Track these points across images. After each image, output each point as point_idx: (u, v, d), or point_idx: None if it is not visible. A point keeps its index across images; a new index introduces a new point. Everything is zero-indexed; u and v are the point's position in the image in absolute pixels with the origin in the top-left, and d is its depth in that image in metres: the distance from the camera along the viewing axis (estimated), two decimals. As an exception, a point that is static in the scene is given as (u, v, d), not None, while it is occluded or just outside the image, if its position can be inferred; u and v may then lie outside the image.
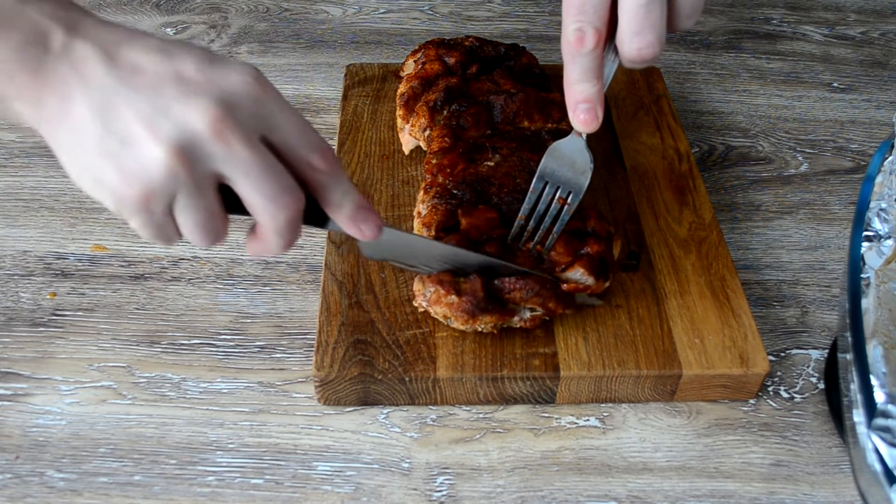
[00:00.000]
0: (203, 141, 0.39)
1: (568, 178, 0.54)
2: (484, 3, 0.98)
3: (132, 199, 0.39)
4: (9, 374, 0.57)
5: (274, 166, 0.41)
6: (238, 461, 0.53)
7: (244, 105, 0.40)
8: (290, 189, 0.42)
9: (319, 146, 0.43)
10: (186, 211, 0.41)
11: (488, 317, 0.53)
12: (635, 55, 0.47)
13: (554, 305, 0.53)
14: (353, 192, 0.45)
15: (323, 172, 0.43)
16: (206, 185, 0.40)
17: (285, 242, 0.44)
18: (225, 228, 0.43)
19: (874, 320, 0.47)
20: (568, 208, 0.54)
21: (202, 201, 0.41)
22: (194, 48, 0.41)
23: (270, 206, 0.41)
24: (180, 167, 0.39)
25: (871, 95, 0.86)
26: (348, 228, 0.46)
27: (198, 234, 0.42)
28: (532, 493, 0.52)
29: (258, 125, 0.40)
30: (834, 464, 0.54)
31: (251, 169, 0.40)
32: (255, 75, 0.41)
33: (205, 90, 0.39)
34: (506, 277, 0.53)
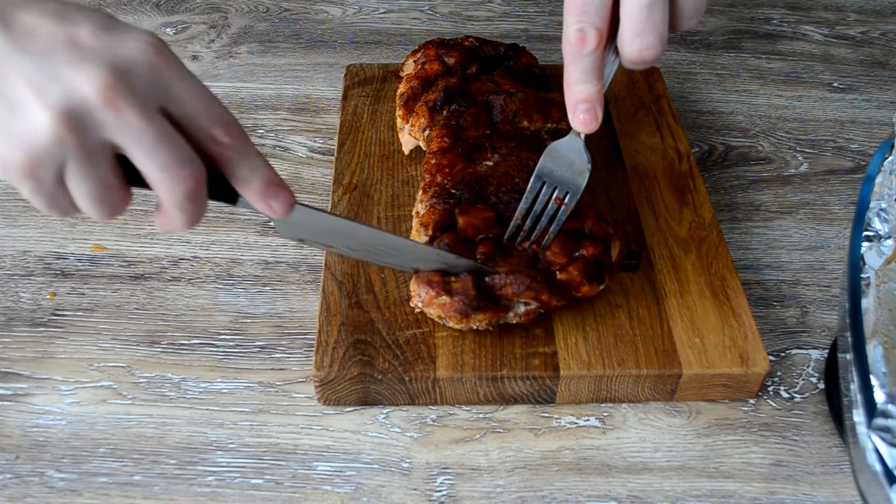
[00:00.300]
0: (92, 108, 0.38)
1: (566, 179, 0.54)
2: (484, 3, 0.98)
3: (17, 165, 0.38)
4: (9, 374, 0.57)
5: (169, 136, 0.40)
6: (238, 461, 0.53)
7: (140, 73, 0.39)
8: (188, 160, 0.40)
9: (223, 119, 0.42)
10: (77, 180, 0.40)
11: (482, 315, 0.53)
12: (636, 56, 0.47)
13: (547, 297, 0.53)
14: (263, 167, 0.44)
15: (227, 146, 0.42)
16: (97, 154, 0.39)
17: (188, 217, 0.43)
18: (123, 201, 0.42)
19: (874, 320, 0.47)
20: (565, 209, 0.54)
21: (94, 170, 0.39)
22: (94, 13, 0.40)
23: (166, 177, 0.40)
24: (67, 134, 0.38)
25: (871, 95, 0.86)
26: (258, 205, 0.45)
27: (91, 205, 0.41)
28: (532, 493, 0.52)
29: (155, 95, 0.39)
30: (834, 464, 0.54)
31: (144, 138, 0.39)
32: (155, 43, 0.40)
33: (98, 56, 0.38)
34: (496, 276, 0.53)
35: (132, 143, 0.39)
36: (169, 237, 0.67)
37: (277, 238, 0.67)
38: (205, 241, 0.67)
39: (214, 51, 0.88)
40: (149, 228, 0.67)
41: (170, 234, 0.64)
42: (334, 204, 0.65)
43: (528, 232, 0.55)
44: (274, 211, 0.45)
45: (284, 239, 0.52)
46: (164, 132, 0.39)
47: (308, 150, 0.76)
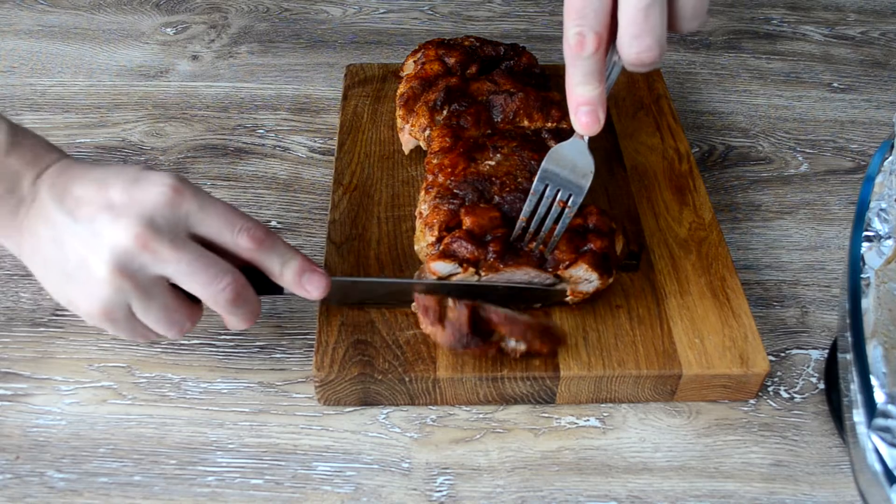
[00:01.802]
0: (134, 254, 0.46)
1: (569, 181, 0.54)
2: (484, 3, 0.98)
3: (96, 314, 0.48)
4: (9, 374, 0.57)
5: (201, 258, 0.48)
6: (238, 461, 0.53)
7: (163, 213, 0.47)
8: (222, 273, 0.48)
9: (244, 227, 0.49)
10: (143, 312, 0.48)
11: (470, 350, 0.53)
12: (634, 59, 0.47)
13: (539, 346, 0.53)
14: (293, 258, 0.51)
15: (252, 251, 0.49)
16: (152, 287, 0.47)
17: (243, 316, 0.51)
18: (190, 318, 0.50)
19: (874, 320, 0.47)
20: (569, 211, 0.54)
21: (154, 302, 0.48)
22: (127, 171, 0.48)
23: (207, 292, 0.48)
24: (122, 280, 0.46)
25: (871, 95, 0.86)
26: (296, 292, 0.52)
27: (162, 329, 0.50)
28: (532, 493, 0.52)
29: (181, 226, 0.48)
30: (834, 464, 0.54)
31: (179, 266, 0.47)
32: (172, 184, 0.47)
33: (129, 211, 0.46)
34: (493, 314, 0.53)
35: (172, 273, 0.47)
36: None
37: (277, 238, 0.67)
38: (205, 241, 0.67)
39: (214, 51, 0.88)
40: (149, 228, 0.67)
41: None
42: (334, 204, 0.65)
43: (533, 234, 0.55)
44: (311, 295, 0.52)
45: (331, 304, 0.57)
46: (194, 257, 0.47)
47: (308, 150, 0.76)
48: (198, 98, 0.82)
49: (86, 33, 0.90)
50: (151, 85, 0.83)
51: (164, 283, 0.48)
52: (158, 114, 0.79)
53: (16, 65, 0.85)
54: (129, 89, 0.82)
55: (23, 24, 0.91)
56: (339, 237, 0.62)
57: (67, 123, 0.78)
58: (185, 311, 0.50)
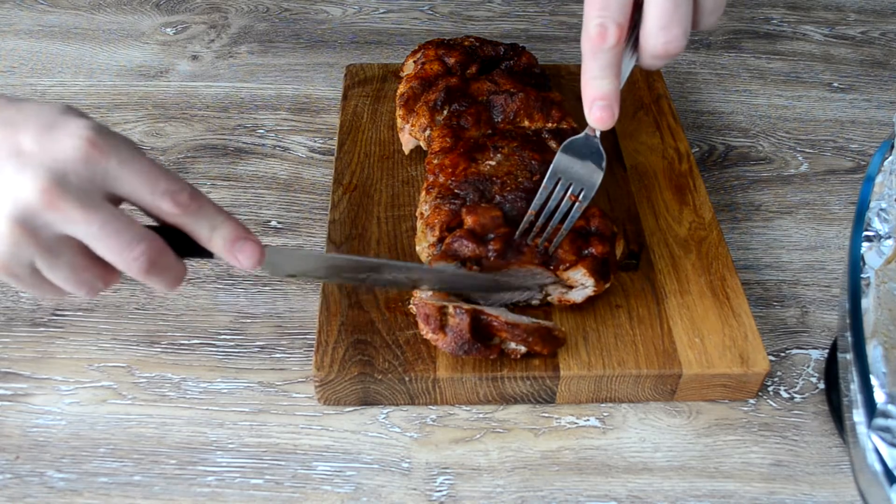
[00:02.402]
0: (38, 211, 0.42)
1: (580, 176, 0.54)
2: (484, 3, 0.98)
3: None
4: (9, 374, 0.57)
5: (112, 222, 0.43)
6: (238, 461, 0.53)
7: (76, 169, 0.42)
8: (136, 239, 0.44)
9: (169, 189, 0.44)
10: (49, 271, 0.44)
11: (471, 356, 0.53)
12: (661, 50, 0.47)
13: (540, 348, 0.53)
14: (224, 224, 0.46)
15: (176, 215, 0.45)
16: (58, 246, 0.43)
17: (164, 282, 0.46)
18: (102, 279, 0.46)
19: (874, 320, 0.47)
20: (579, 206, 0.54)
21: (59, 261, 0.44)
22: (43, 112, 0.44)
23: (119, 259, 0.44)
24: (23, 236, 0.42)
25: (871, 95, 0.86)
26: (227, 258, 0.47)
27: (70, 289, 0.45)
28: (532, 493, 0.52)
29: (96, 184, 0.43)
30: (834, 464, 0.54)
31: (90, 230, 0.43)
32: (89, 135, 0.43)
33: (37, 161, 0.42)
34: (495, 320, 0.53)
35: (81, 236, 0.43)
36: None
37: (278, 238, 0.67)
38: (205, 241, 0.67)
39: (214, 51, 0.88)
40: (149, 228, 0.67)
41: None
42: (334, 204, 0.65)
43: (540, 229, 0.55)
44: (242, 264, 0.47)
45: (273, 275, 0.54)
46: (106, 220, 0.43)
47: (308, 150, 0.76)
48: (198, 98, 0.82)
49: (86, 33, 0.90)
50: (151, 85, 0.83)
51: (73, 242, 0.44)
52: (158, 114, 0.79)
53: (16, 65, 0.85)
54: (129, 89, 0.82)
55: (23, 24, 0.91)
56: (339, 237, 0.62)
57: (67, 123, 0.78)
58: (96, 270, 0.45)
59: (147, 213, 0.45)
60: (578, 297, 0.57)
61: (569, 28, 0.93)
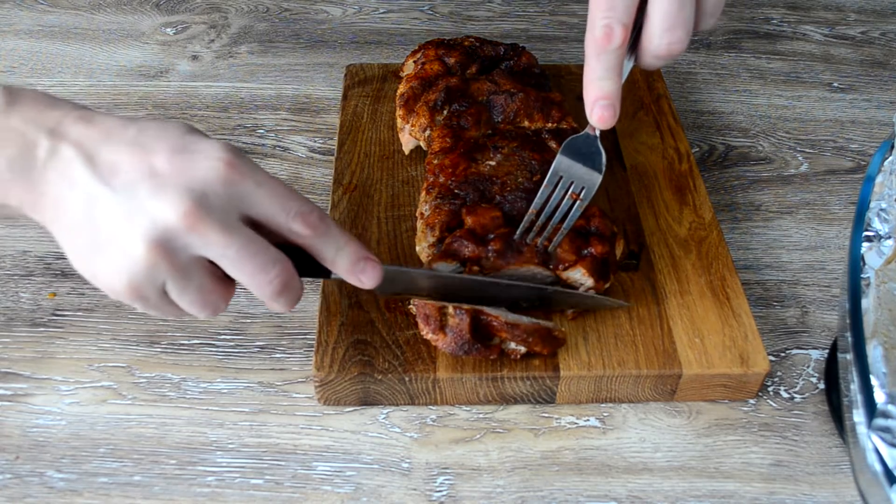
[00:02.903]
0: (178, 233, 0.41)
1: (581, 175, 0.54)
2: (484, 3, 0.98)
3: (123, 290, 0.43)
4: (9, 374, 0.57)
5: (249, 245, 0.43)
6: (238, 461, 0.53)
7: (216, 191, 0.42)
8: (270, 264, 0.44)
9: (300, 211, 0.45)
10: (177, 293, 0.44)
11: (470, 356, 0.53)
12: (665, 51, 0.48)
13: (540, 348, 0.54)
14: (348, 245, 0.47)
15: (307, 236, 0.45)
16: (190, 268, 0.43)
17: (286, 303, 0.47)
18: (224, 299, 0.46)
19: (874, 320, 0.47)
20: (579, 204, 0.54)
21: (189, 283, 0.44)
22: (170, 133, 0.43)
23: (253, 282, 0.44)
24: (159, 259, 0.42)
25: (871, 95, 0.86)
26: (350, 280, 0.48)
27: (195, 311, 0.46)
28: (532, 493, 0.52)
29: (233, 206, 0.43)
30: (834, 464, 0.54)
31: (228, 252, 0.43)
32: (226, 158, 0.43)
33: (175, 183, 0.41)
34: (495, 320, 0.53)
35: (218, 258, 0.43)
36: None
37: (277, 238, 0.67)
38: (205, 241, 0.67)
39: (214, 51, 0.88)
40: (149, 228, 0.67)
41: None
42: (334, 204, 0.65)
43: (541, 228, 0.55)
44: (364, 284, 0.48)
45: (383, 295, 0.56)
46: (244, 243, 0.43)
47: (308, 150, 0.76)
48: (198, 98, 0.81)
49: (86, 33, 0.90)
50: (151, 85, 0.83)
51: (204, 263, 0.44)
52: (158, 114, 0.79)
53: (16, 65, 0.85)
54: (129, 89, 0.82)
55: (23, 24, 0.91)
56: (339, 237, 0.62)
57: (67, 123, 0.78)
58: (221, 291, 0.46)
59: (278, 233, 0.45)
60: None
61: (569, 28, 0.93)
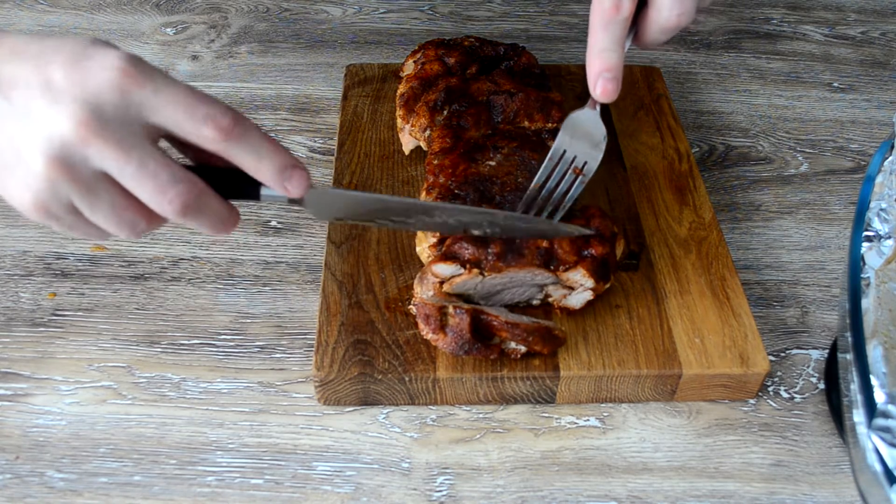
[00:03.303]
0: (74, 147, 0.40)
1: (584, 150, 0.55)
2: (484, 3, 0.98)
3: (31, 209, 0.42)
4: (9, 374, 0.57)
5: (149, 162, 0.41)
6: (238, 461, 0.53)
7: (112, 101, 0.40)
8: (172, 182, 0.42)
9: (209, 115, 0.42)
10: (88, 211, 0.42)
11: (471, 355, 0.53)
12: (674, 22, 0.49)
13: (540, 348, 0.54)
14: (271, 151, 0.44)
15: (220, 141, 0.42)
16: (95, 184, 0.41)
17: (207, 225, 0.44)
18: (145, 219, 0.43)
19: (874, 320, 0.47)
20: (582, 179, 0.55)
21: (98, 200, 0.42)
22: (69, 47, 0.41)
23: (153, 201, 0.42)
24: (59, 175, 0.40)
25: (871, 95, 0.86)
26: (275, 187, 0.45)
27: (111, 228, 0.43)
28: (532, 493, 0.52)
29: (133, 118, 0.41)
30: (834, 464, 0.54)
31: (126, 169, 0.41)
32: (121, 65, 0.40)
33: (70, 96, 0.40)
34: (495, 320, 0.53)
35: (116, 174, 0.41)
36: (168, 237, 0.67)
37: (277, 238, 0.67)
38: (205, 241, 0.67)
39: (214, 51, 0.88)
40: (149, 228, 0.67)
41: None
42: (334, 204, 0.65)
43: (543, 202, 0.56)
44: (290, 192, 0.45)
45: (320, 220, 0.52)
46: (143, 160, 0.41)
47: (308, 150, 0.76)
48: (198, 98, 0.81)
49: (86, 33, 0.90)
50: (151, 85, 0.83)
51: (111, 179, 0.42)
52: (158, 114, 0.79)
53: (16, 65, 0.85)
54: (129, 89, 0.82)
55: (23, 24, 0.91)
56: (339, 237, 0.62)
57: (67, 123, 0.78)
58: (137, 210, 0.43)
59: (188, 143, 0.43)
60: (578, 304, 0.57)
61: (569, 28, 0.93)
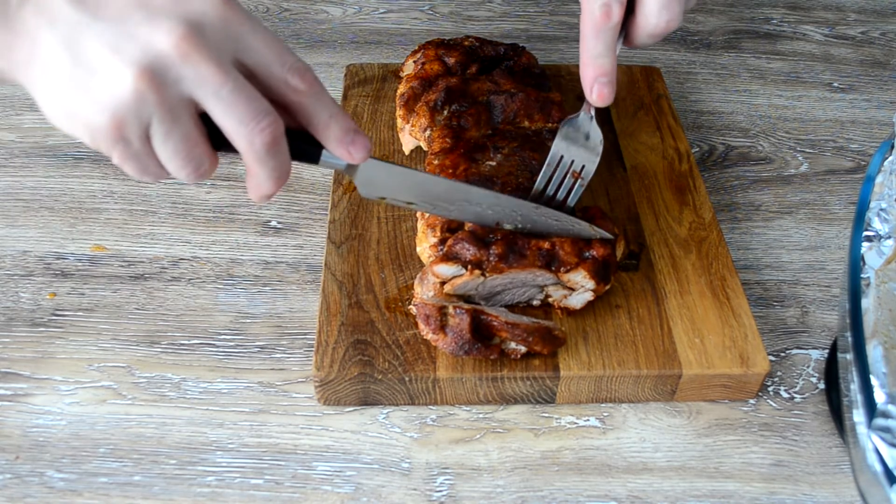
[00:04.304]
0: (170, 62, 0.38)
1: (581, 154, 0.56)
2: (484, 3, 0.98)
3: (105, 128, 0.39)
4: (9, 374, 0.57)
5: (245, 88, 0.40)
6: (238, 461, 0.53)
7: (212, 25, 0.39)
8: (265, 111, 0.41)
9: (297, 66, 0.42)
10: (162, 138, 0.40)
11: (471, 356, 0.53)
12: (662, 28, 0.50)
13: (540, 348, 0.54)
14: (340, 114, 0.44)
15: (302, 93, 0.42)
16: (179, 109, 0.40)
17: (272, 173, 0.43)
18: (210, 160, 0.42)
19: (874, 320, 0.47)
20: (582, 181, 0.56)
21: (177, 127, 0.40)
22: None
23: (244, 130, 0.41)
24: (148, 90, 0.38)
25: (871, 95, 0.86)
26: (337, 151, 0.45)
27: (178, 164, 0.41)
28: (532, 493, 0.52)
29: (229, 47, 0.40)
30: (834, 464, 0.54)
31: (221, 91, 0.39)
32: None
33: (171, 12, 0.38)
34: (495, 320, 0.53)
35: (210, 97, 0.39)
36: (168, 237, 0.67)
37: (277, 238, 0.67)
38: (205, 241, 0.67)
39: None
40: (149, 228, 0.67)
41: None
42: (334, 204, 0.65)
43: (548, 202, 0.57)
44: (353, 157, 0.45)
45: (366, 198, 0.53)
46: (239, 84, 0.40)
47: (308, 150, 0.76)
48: (198, 98, 0.81)
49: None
50: (151, 85, 0.83)
51: (193, 110, 0.40)
52: (158, 114, 0.79)
53: (16, 65, 0.85)
54: (129, 89, 0.82)
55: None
56: (339, 237, 0.62)
57: (67, 123, 0.78)
58: (205, 148, 0.42)
59: (271, 89, 0.42)
60: (578, 304, 0.57)
61: (569, 28, 0.93)
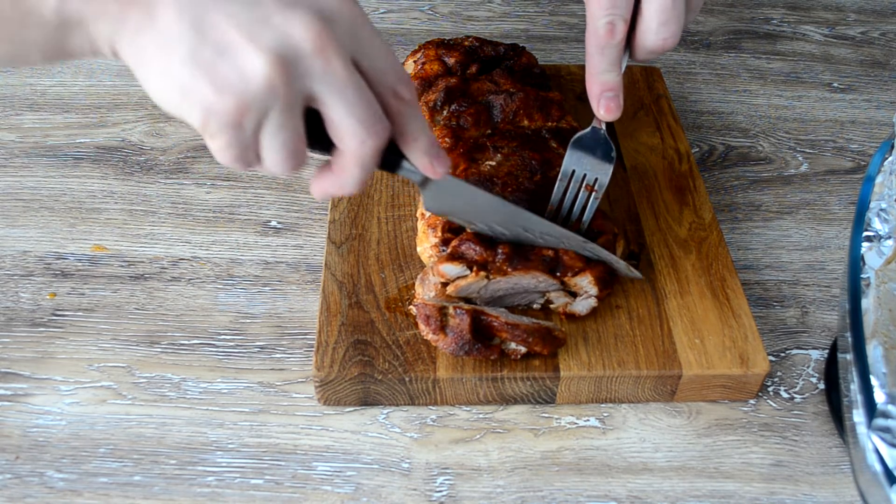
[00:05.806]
0: (304, 54, 0.37)
1: (593, 167, 0.56)
2: (484, 3, 0.98)
3: (225, 111, 0.38)
4: (9, 374, 0.57)
5: (366, 90, 0.40)
6: (238, 461, 0.53)
7: (341, 23, 0.39)
8: (380, 116, 0.41)
9: (404, 77, 0.42)
10: (276, 129, 0.39)
11: (471, 356, 0.53)
12: (660, 45, 0.50)
13: (540, 348, 0.54)
14: (428, 129, 0.45)
15: (406, 103, 0.42)
16: (298, 104, 0.39)
17: (363, 175, 0.43)
18: (306, 156, 0.42)
19: (874, 320, 0.47)
20: (596, 194, 0.56)
21: (291, 120, 0.39)
22: None
23: (361, 131, 0.40)
24: (279, 80, 0.37)
25: (871, 95, 0.86)
26: (421, 163, 0.45)
27: (282, 155, 0.41)
28: (532, 493, 0.52)
29: (351, 47, 0.39)
30: (834, 464, 0.54)
31: (347, 90, 0.39)
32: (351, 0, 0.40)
33: (305, 3, 0.38)
34: (495, 320, 0.53)
35: (334, 94, 0.39)
36: (168, 237, 0.67)
37: (277, 238, 0.67)
38: (205, 241, 0.67)
39: None
40: (149, 228, 0.67)
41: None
42: (334, 204, 0.65)
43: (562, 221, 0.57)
44: (434, 171, 0.46)
45: (430, 212, 0.53)
46: (362, 86, 0.40)
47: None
48: (198, 98, 0.81)
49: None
50: (151, 85, 0.83)
51: (304, 106, 0.40)
52: (158, 114, 0.79)
53: (16, 65, 0.85)
54: (129, 89, 0.82)
55: None
56: (339, 237, 0.62)
57: (67, 123, 0.78)
58: (305, 147, 0.41)
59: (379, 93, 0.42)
60: (583, 310, 0.57)
61: (569, 28, 0.93)
